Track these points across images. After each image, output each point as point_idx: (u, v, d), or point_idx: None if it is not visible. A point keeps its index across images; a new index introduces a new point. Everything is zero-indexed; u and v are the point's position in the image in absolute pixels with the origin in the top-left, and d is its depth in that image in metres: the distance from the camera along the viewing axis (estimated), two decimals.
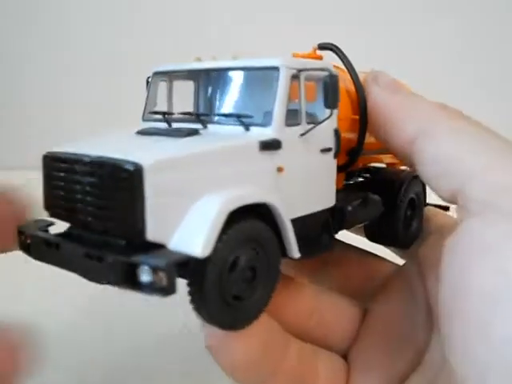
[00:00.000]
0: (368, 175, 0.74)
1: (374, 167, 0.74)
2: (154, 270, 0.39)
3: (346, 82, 0.63)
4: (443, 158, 0.49)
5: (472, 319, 0.40)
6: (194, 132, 0.49)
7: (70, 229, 0.48)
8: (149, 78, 0.62)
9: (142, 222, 0.41)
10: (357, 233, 0.73)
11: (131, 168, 0.40)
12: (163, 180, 0.41)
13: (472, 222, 0.44)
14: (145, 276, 0.39)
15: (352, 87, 0.63)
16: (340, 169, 0.65)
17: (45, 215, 0.50)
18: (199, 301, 0.43)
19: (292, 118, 0.51)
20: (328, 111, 0.51)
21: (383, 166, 0.76)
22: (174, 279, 0.39)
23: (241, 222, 0.44)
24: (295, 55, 0.65)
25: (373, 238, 0.72)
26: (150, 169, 0.40)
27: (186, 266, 0.42)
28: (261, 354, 0.50)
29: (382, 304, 0.64)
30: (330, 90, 0.50)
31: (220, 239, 0.42)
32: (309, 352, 0.57)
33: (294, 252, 0.50)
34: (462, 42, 1.58)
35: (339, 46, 0.63)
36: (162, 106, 0.60)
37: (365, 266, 0.70)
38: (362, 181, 0.72)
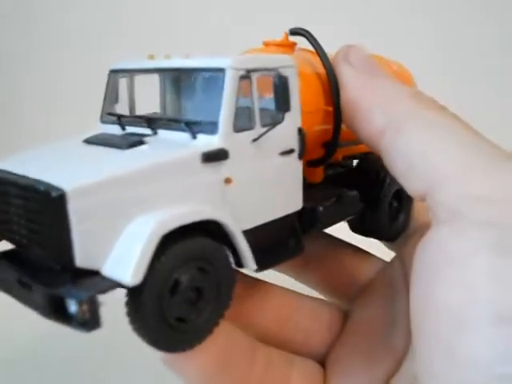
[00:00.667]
0: (352, 165, 0.69)
1: (359, 156, 0.69)
2: (79, 302, 0.37)
3: (317, 69, 0.59)
4: (412, 156, 0.45)
5: (437, 336, 0.38)
6: (138, 143, 0.46)
7: (12, 249, 0.46)
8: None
9: (70, 249, 0.39)
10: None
11: (54, 193, 0.38)
12: (89, 204, 0.39)
13: (439, 229, 0.41)
14: (72, 308, 0.37)
15: (324, 74, 0.58)
16: (317, 163, 0.61)
17: None
18: (138, 324, 0.41)
19: (244, 120, 0.47)
20: (279, 115, 0.47)
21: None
22: (97, 313, 0.37)
23: (182, 241, 0.42)
24: (266, 43, 0.60)
25: (356, 230, 0.68)
26: (73, 194, 0.38)
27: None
28: (220, 367, 0.48)
29: (363, 307, 0.61)
30: (279, 93, 0.46)
31: (156, 263, 0.40)
32: (280, 359, 0.55)
33: (250, 264, 0.47)
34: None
35: (310, 31, 0.59)
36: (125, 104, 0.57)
37: (349, 264, 0.67)
38: (344, 172, 0.68)
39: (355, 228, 0.68)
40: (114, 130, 0.53)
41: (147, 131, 0.49)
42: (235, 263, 0.48)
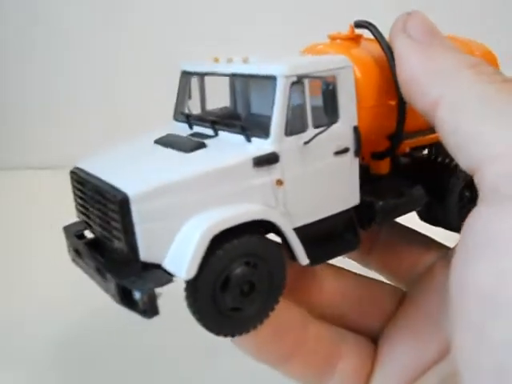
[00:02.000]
0: (422, 156, 0.68)
1: (428, 146, 0.68)
2: (140, 294, 0.43)
3: (382, 62, 0.58)
4: (463, 132, 0.43)
5: (470, 320, 0.38)
6: (200, 145, 0.50)
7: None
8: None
9: (134, 245, 0.44)
10: None
11: (118, 197, 0.44)
12: (150, 206, 0.44)
13: (481, 210, 0.40)
14: (137, 297, 0.43)
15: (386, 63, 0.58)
16: (381, 155, 0.62)
17: None
18: (197, 315, 0.46)
19: (297, 122, 0.49)
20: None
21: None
22: (154, 303, 0.42)
23: (233, 239, 0.46)
24: (331, 37, 0.61)
25: (424, 219, 0.68)
26: (135, 198, 0.43)
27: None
28: (272, 339, 0.53)
29: (421, 292, 0.62)
30: (326, 100, 0.47)
31: (211, 258, 0.44)
32: (331, 335, 0.58)
33: (301, 259, 0.50)
34: None
35: (374, 24, 0.58)
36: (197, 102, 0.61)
37: (412, 250, 0.67)
38: (412, 163, 0.67)
39: (423, 217, 0.68)
40: (183, 129, 0.57)
41: (210, 132, 0.53)
42: (289, 257, 0.51)
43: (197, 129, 0.56)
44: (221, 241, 0.45)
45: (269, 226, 0.48)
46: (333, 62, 0.51)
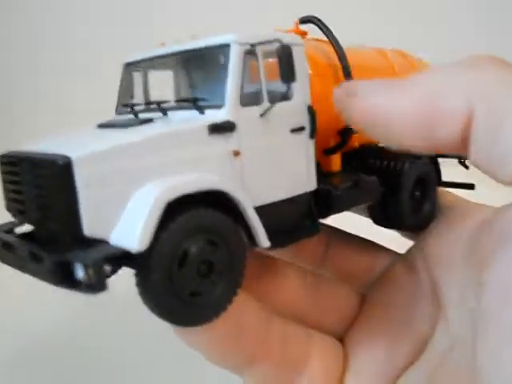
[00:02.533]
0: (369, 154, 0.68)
1: (375, 145, 0.68)
2: (85, 266, 0.37)
3: (329, 56, 0.59)
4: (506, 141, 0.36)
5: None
6: (147, 121, 0.47)
7: (31, 230, 0.47)
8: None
9: (78, 217, 0.39)
10: (361, 214, 0.68)
11: (60, 161, 0.39)
12: (95, 172, 0.39)
13: None
14: (79, 273, 0.37)
15: (337, 61, 0.58)
16: (332, 150, 0.61)
17: None
18: (147, 297, 0.41)
19: (252, 95, 0.47)
20: (285, 86, 0.47)
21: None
22: (102, 276, 0.37)
23: (189, 211, 0.41)
24: (277, 31, 0.61)
25: (378, 221, 0.66)
26: (78, 161, 0.39)
27: (132, 259, 0.40)
28: (234, 339, 0.48)
29: (382, 291, 0.60)
30: (283, 62, 0.46)
31: (164, 230, 0.40)
32: (298, 335, 0.54)
33: (263, 241, 0.46)
34: None
35: (320, 18, 0.59)
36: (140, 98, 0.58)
37: (365, 257, 0.65)
38: (361, 161, 0.67)
39: (377, 218, 0.66)
40: (127, 116, 0.54)
41: (159, 115, 0.50)
42: (248, 241, 0.47)
43: (143, 115, 0.53)
44: (173, 214, 0.40)
45: (224, 204, 0.44)
46: (286, 37, 0.50)
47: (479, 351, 0.40)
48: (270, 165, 0.48)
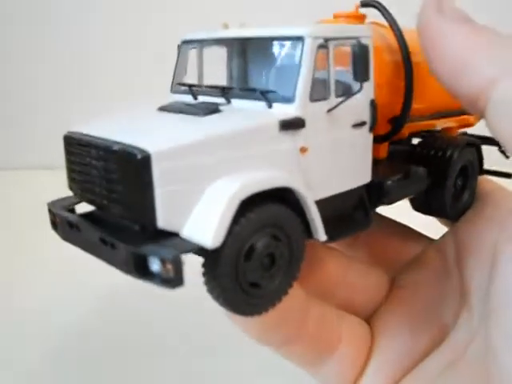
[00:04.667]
0: (417, 142, 0.68)
1: (425, 132, 0.68)
2: (162, 261, 0.38)
3: (388, 41, 0.58)
4: None
5: None
6: (214, 110, 0.47)
7: (94, 210, 0.48)
8: (179, 45, 0.59)
9: (152, 210, 0.40)
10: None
11: (138, 155, 0.39)
12: (172, 167, 0.40)
13: None
14: (154, 266, 0.39)
15: (396, 47, 0.57)
16: (382, 138, 0.61)
17: None
18: (214, 286, 0.42)
19: (319, 90, 0.47)
20: (358, 84, 0.47)
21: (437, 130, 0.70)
22: (181, 271, 0.38)
23: (258, 207, 0.42)
24: (336, 15, 0.60)
25: (419, 208, 0.67)
26: (157, 156, 0.39)
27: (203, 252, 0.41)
28: (277, 321, 0.50)
29: (411, 275, 0.61)
30: (358, 62, 0.46)
31: (235, 226, 0.41)
32: (331, 317, 0.56)
33: (320, 234, 0.47)
34: None
35: (382, 3, 0.58)
36: (193, 76, 0.58)
37: (396, 240, 0.66)
38: (409, 149, 0.67)
39: (418, 205, 0.67)
40: (185, 98, 0.54)
41: (221, 100, 0.50)
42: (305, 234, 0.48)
43: (203, 98, 0.52)
44: (241, 210, 0.41)
45: (287, 198, 0.45)
46: (357, 30, 0.49)
47: (493, 335, 0.41)
48: (332, 160, 0.49)
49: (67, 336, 0.86)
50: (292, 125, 0.45)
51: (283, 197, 0.45)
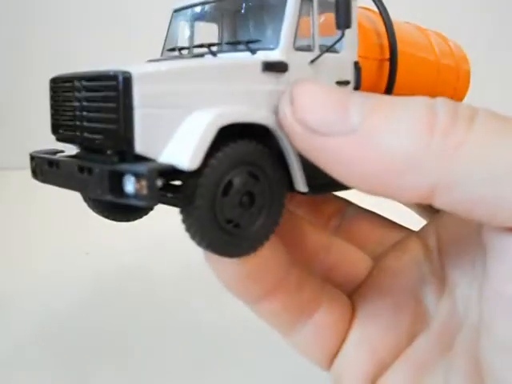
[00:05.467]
0: None
1: None
2: (137, 177, 0.37)
3: (376, 25, 0.60)
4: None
5: None
6: (200, 56, 0.48)
7: (76, 153, 0.48)
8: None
9: (131, 133, 0.40)
10: None
11: (120, 76, 0.39)
12: (154, 91, 0.40)
13: None
14: (129, 184, 0.38)
15: (383, 32, 0.59)
16: None
17: None
18: (191, 223, 0.41)
19: (304, 42, 0.48)
20: (339, 32, 0.48)
21: None
22: (154, 186, 0.37)
23: (236, 143, 0.42)
24: None
25: None
26: (139, 78, 0.39)
27: (177, 188, 0.41)
28: (256, 270, 0.48)
29: (392, 260, 0.60)
30: (340, 8, 0.47)
31: (212, 156, 0.40)
32: (312, 280, 0.54)
33: (301, 185, 0.47)
34: None
35: None
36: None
37: (378, 230, 0.65)
38: None
39: None
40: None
41: (208, 56, 0.51)
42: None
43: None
44: (220, 144, 0.41)
45: (268, 141, 0.45)
46: None
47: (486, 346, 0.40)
48: None
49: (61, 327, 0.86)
50: (274, 67, 0.45)
51: (264, 139, 0.45)
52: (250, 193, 0.43)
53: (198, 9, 0.56)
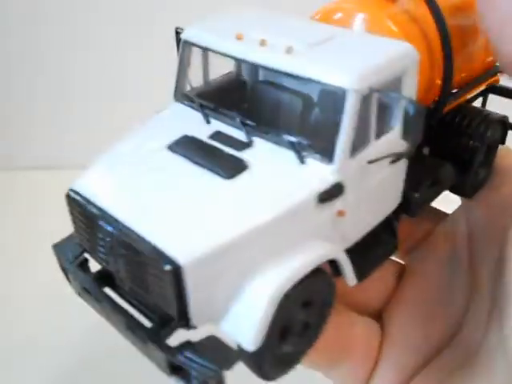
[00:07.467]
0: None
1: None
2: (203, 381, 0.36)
3: (423, 25, 0.49)
4: None
5: None
6: (241, 167, 0.40)
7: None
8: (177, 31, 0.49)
9: (185, 314, 0.37)
10: None
11: (167, 267, 0.34)
12: (205, 273, 0.36)
13: None
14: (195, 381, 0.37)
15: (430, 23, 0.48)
16: None
17: None
18: (252, 366, 0.41)
19: (359, 137, 0.40)
20: (405, 144, 0.41)
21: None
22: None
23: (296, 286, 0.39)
24: None
25: None
26: (189, 266, 0.35)
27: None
28: None
29: (420, 261, 0.59)
30: (411, 126, 0.39)
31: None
32: (345, 318, 0.55)
33: (351, 281, 0.45)
34: None
35: None
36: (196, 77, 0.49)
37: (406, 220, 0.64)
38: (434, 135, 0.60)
39: None
40: (195, 121, 0.46)
41: (239, 135, 0.43)
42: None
43: (216, 124, 0.45)
44: None
45: None
46: (401, 57, 0.41)
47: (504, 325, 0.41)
48: (369, 205, 0.45)
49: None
50: (331, 196, 0.39)
51: None
52: (306, 323, 0.42)
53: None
